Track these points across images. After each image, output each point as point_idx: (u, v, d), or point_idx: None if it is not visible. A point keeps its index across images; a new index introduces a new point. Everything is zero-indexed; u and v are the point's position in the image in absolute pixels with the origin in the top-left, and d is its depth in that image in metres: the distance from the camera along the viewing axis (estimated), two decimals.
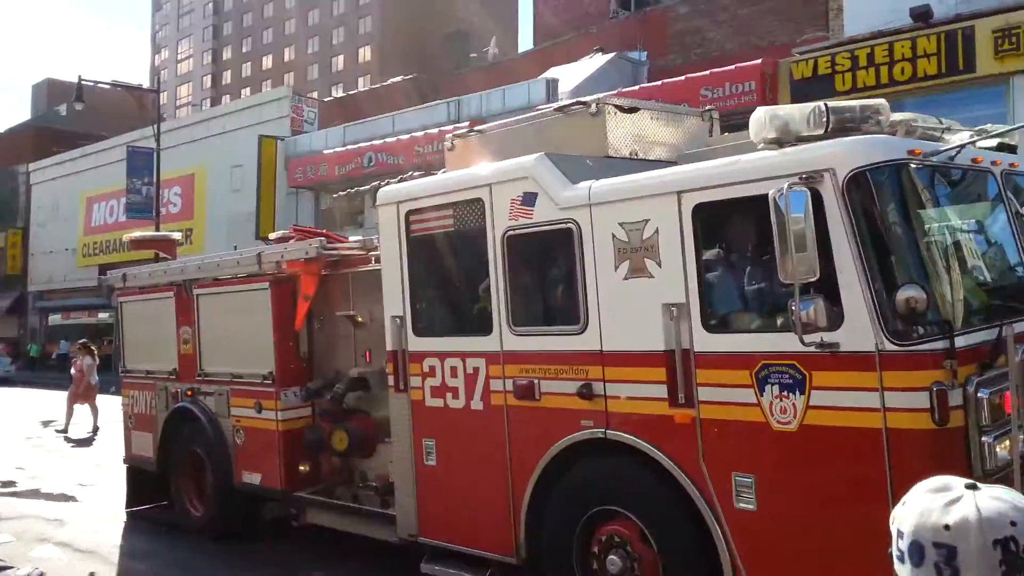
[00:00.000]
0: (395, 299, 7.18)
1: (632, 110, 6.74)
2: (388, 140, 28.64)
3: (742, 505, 5.10)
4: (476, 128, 7.58)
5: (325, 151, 31.05)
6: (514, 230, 6.25)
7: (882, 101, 5.08)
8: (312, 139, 32.97)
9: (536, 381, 6.15)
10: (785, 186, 4.56)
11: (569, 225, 5.91)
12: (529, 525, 6.22)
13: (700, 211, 5.23)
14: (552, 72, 26.64)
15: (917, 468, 4.44)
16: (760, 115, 5.13)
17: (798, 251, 4.50)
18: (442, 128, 26.94)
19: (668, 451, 5.42)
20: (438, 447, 6.91)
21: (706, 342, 5.22)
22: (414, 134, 27.63)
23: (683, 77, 20.18)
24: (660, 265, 5.42)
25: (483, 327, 6.56)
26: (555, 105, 7.10)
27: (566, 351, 5.98)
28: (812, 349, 4.66)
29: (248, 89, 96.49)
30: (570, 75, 25.96)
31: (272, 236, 10.78)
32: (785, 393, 4.89)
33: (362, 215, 27.14)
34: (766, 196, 4.75)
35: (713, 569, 5.26)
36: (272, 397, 8.68)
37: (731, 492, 5.14)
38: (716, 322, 5.24)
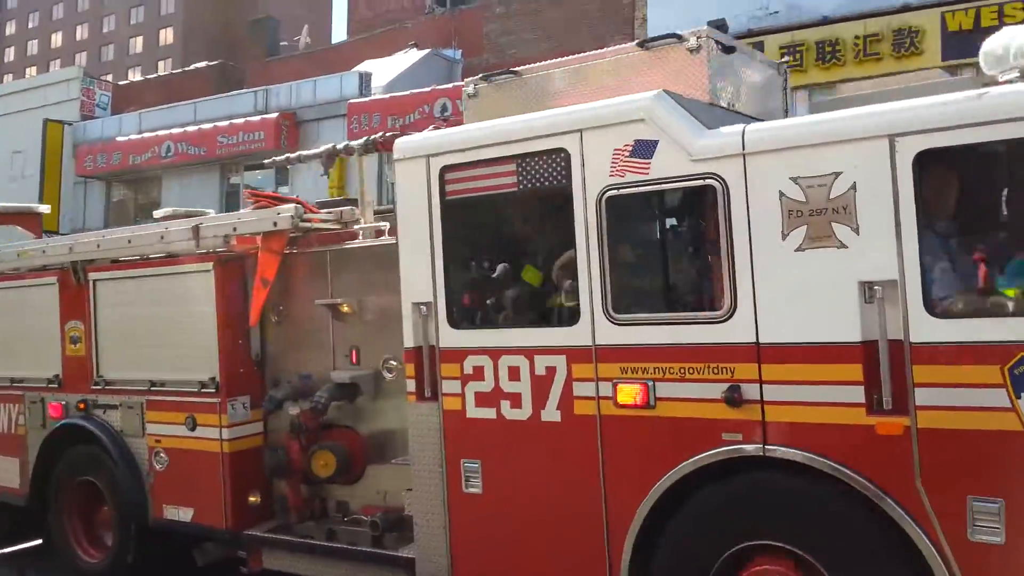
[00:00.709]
0: (419, 281, 5.58)
1: (730, 50, 5.51)
2: (189, 129, 26.64)
3: (982, 537, 3.96)
4: (512, 70, 6.07)
5: (119, 138, 28.59)
6: (618, 189, 4.84)
7: None
8: (104, 125, 30.22)
9: (650, 384, 4.77)
10: None
11: (710, 181, 4.57)
12: (634, 569, 4.83)
13: (925, 160, 4.05)
14: (366, 65, 26.07)
15: None
16: (1006, 39, 4.03)
17: None
18: (248, 119, 25.30)
19: (865, 470, 4.20)
20: (485, 470, 5.38)
21: (929, 330, 4.05)
22: (217, 124, 25.83)
23: None
24: (857, 231, 4.20)
25: (564, 315, 5.12)
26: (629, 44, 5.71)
27: (701, 344, 4.64)
28: None
29: (34, 68, 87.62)
30: (384, 69, 25.68)
31: (158, 215, 8.73)
32: None
33: (158, 207, 24.98)
34: None
35: None
36: (214, 410, 6.76)
37: (965, 521, 4.00)
38: (945, 304, 4.09)
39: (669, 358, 4.73)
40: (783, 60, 6.41)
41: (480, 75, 6.16)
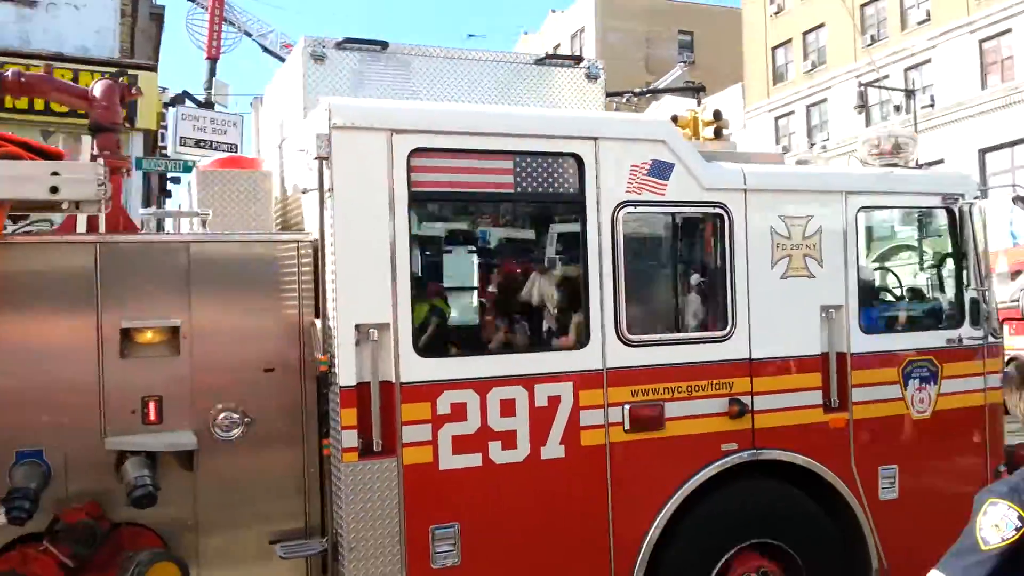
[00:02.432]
0: (369, 296, 4.21)
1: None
2: None
3: (886, 496, 5.36)
4: (379, 40, 4.87)
5: None
6: (634, 205, 4.71)
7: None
8: None
9: (662, 405, 4.76)
10: (974, 200, 5.37)
11: (718, 211, 4.91)
12: None
13: (862, 213, 5.32)
14: None
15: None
16: (878, 136, 5.59)
17: (978, 258, 5.38)
18: None
19: (823, 459, 5.16)
20: (466, 534, 4.36)
21: (862, 343, 5.30)
22: None
23: None
24: (821, 264, 5.19)
25: (572, 337, 4.62)
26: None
27: (705, 362, 4.88)
28: (950, 343, 5.51)
29: None
30: None
31: None
32: (922, 385, 5.49)
33: None
34: (939, 204, 5.44)
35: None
36: None
37: (876, 486, 5.34)
38: (874, 324, 5.38)
39: (679, 377, 4.82)
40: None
41: (337, 39, 4.85)
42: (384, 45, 4.92)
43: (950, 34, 31.62)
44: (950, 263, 5.64)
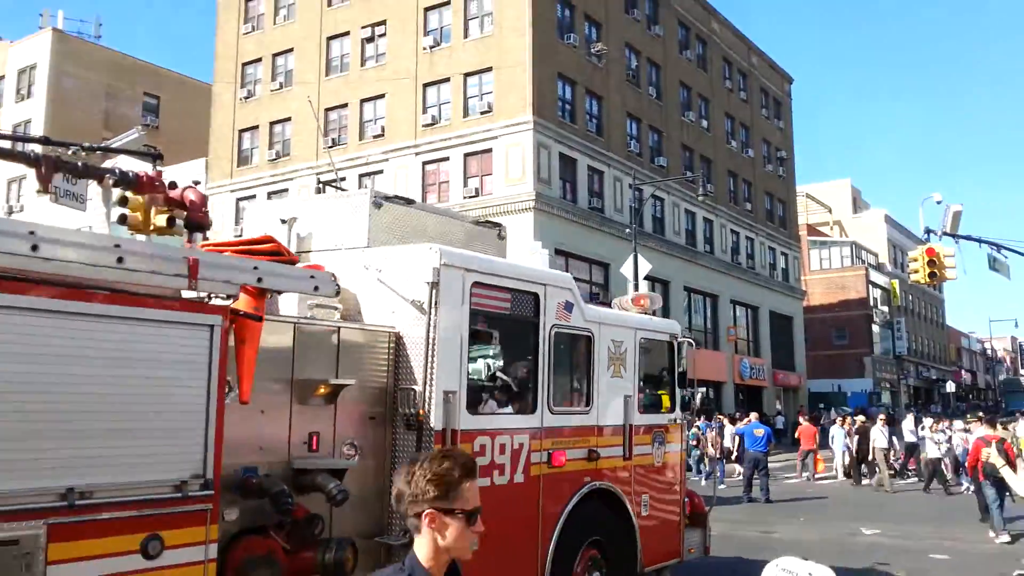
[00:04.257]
0: (450, 372, 6.64)
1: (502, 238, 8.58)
2: None
3: (642, 511, 8.84)
4: (409, 199, 7.24)
5: None
6: (559, 328, 7.72)
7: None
8: None
9: (565, 451, 7.71)
10: (687, 339, 9.33)
11: (589, 333, 8.11)
12: (552, 566, 7.50)
13: (640, 342, 8.90)
14: None
15: None
16: (652, 300, 9.28)
17: (684, 372, 9.36)
18: None
19: (623, 489, 8.49)
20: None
21: (639, 419, 8.80)
22: None
23: None
24: (626, 370, 8.63)
25: (529, 406, 7.38)
26: (471, 218, 7.79)
27: (580, 426, 7.96)
28: (669, 421, 9.34)
29: None
30: None
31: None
32: (659, 445, 9.16)
33: None
34: (668, 339, 9.30)
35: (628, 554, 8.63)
36: (200, 520, 4.89)
37: (640, 505, 8.80)
38: (643, 408, 8.90)
39: (570, 435, 7.82)
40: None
41: (386, 195, 7.22)
42: (411, 201, 7.35)
43: (400, 151, 35.04)
44: (667, 374, 9.50)
